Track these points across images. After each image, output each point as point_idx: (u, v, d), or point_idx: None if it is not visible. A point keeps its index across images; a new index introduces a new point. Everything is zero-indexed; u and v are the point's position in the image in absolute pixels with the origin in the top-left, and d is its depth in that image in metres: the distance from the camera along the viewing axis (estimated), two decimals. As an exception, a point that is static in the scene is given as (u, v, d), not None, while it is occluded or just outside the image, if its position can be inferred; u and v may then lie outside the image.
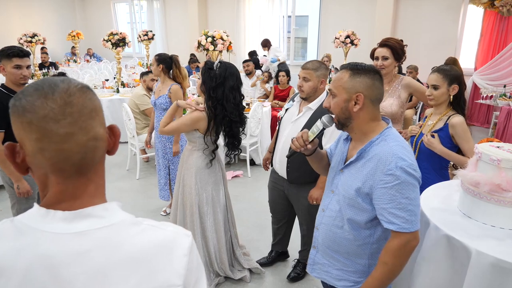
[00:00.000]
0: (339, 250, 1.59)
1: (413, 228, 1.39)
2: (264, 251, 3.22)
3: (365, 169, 1.46)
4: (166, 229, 0.78)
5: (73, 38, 11.01)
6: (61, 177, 0.73)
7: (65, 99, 0.70)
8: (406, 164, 1.37)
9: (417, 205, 1.40)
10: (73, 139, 0.71)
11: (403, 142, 1.45)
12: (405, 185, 1.37)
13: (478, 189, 1.60)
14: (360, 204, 1.48)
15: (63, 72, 5.22)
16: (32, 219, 0.72)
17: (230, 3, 10.53)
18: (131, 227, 0.74)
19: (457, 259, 1.51)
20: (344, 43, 7.24)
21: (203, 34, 5.11)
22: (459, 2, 7.76)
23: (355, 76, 1.46)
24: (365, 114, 1.47)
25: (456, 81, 2.26)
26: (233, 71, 2.50)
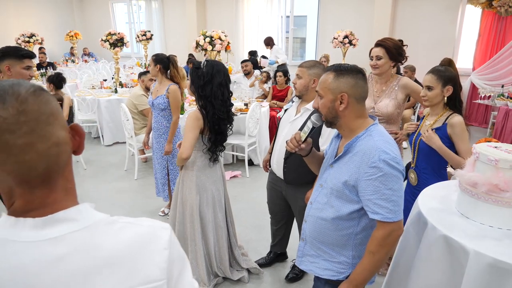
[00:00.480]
0: (325, 240, 1.67)
1: (397, 218, 1.48)
2: (262, 251, 3.22)
3: (351, 162, 1.54)
4: (143, 224, 0.76)
5: (71, 38, 10.98)
6: (26, 189, 0.69)
7: (17, 107, 0.65)
8: (389, 157, 1.46)
9: (400, 196, 1.49)
10: (33, 149, 0.66)
11: (387, 137, 1.54)
12: (388, 176, 1.45)
13: (476, 189, 1.60)
14: (347, 195, 1.57)
15: (59, 73, 5.20)
16: (1, 230, 0.68)
17: (229, 3, 10.53)
18: (107, 227, 0.72)
19: (455, 259, 1.50)
20: (343, 43, 7.25)
21: (201, 34, 5.10)
22: (457, 2, 7.77)
23: (338, 77, 1.55)
24: (351, 112, 1.56)
25: (451, 83, 2.27)
26: (220, 68, 2.52)
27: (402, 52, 2.74)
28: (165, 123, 3.66)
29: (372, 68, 2.77)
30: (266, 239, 3.37)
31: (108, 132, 6.31)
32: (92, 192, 4.55)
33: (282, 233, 2.99)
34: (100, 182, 4.84)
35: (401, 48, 2.74)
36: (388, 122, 2.77)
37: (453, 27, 7.93)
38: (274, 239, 3.05)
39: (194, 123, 2.47)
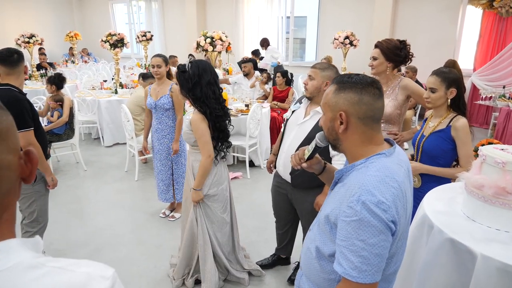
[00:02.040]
0: (312, 278, 1.40)
1: (361, 279, 1.13)
2: (264, 253, 3.19)
3: (337, 195, 1.27)
4: (75, 271, 0.62)
5: (71, 39, 10.96)
6: None
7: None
8: (372, 200, 1.12)
9: (375, 254, 1.12)
10: None
11: (388, 174, 1.18)
12: (364, 225, 1.12)
13: (482, 192, 1.58)
14: (328, 232, 1.28)
15: (60, 73, 5.18)
16: None
17: (229, 4, 10.51)
18: (29, 272, 0.60)
19: (462, 263, 1.49)
20: (343, 44, 7.23)
21: (202, 35, 5.08)
22: (457, 3, 7.76)
23: (339, 92, 1.26)
24: (354, 136, 1.26)
25: (454, 85, 2.25)
26: (205, 66, 2.50)
27: (401, 53, 2.73)
28: (170, 123, 3.65)
29: (371, 68, 2.83)
30: (268, 241, 3.35)
31: (108, 133, 6.29)
32: (92, 193, 4.53)
33: (288, 237, 2.94)
34: (100, 183, 4.82)
35: (400, 49, 2.73)
36: (387, 123, 2.76)
37: (454, 28, 7.92)
38: (280, 243, 3.00)
39: (203, 124, 2.47)
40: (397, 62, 2.77)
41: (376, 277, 1.14)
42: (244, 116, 5.00)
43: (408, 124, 6.07)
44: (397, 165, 1.24)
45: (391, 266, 1.24)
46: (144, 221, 3.85)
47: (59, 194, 3.02)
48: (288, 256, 3.08)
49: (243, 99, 5.98)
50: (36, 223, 2.74)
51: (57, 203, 3.01)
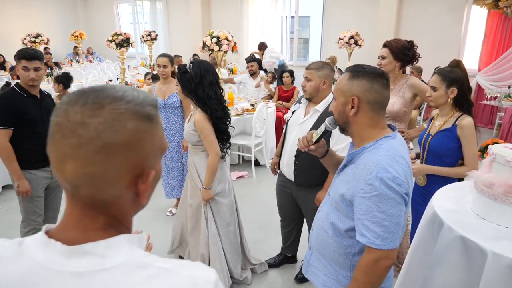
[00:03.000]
0: (325, 254, 1.55)
1: (385, 246, 1.30)
2: (270, 252, 3.21)
3: (351, 175, 1.41)
4: (181, 273, 0.62)
5: (76, 38, 11.01)
6: (67, 196, 0.65)
7: (85, 118, 0.59)
8: (388, 176, 1.29)
9: (395, 223, 1.30)
10: (67, 163, 0.60)
11: (397, 153, 1.35)
12: (383, 198, 1.29)
13: (492, 190, 1.59)
14: (344, 210, 1.43)
15: (67, 72, 5.22)
16: (35, 247, 0.63)
17: (233, 4, 10.53)
18: (137, 271, 0.61)
19: (472, 260, 1.50)
20: (348, 43, 7.24)
21: (208, 34, 5.10)
22: (462, 3, 7.75)
23: (353, 79, 1.41)
24: (363, 119, 1.42)
25: (455, 84, 2.26)
26: (207, 66, 2.51)
27: (409, 53, 2.79)
28: (178, 121, 3.69)
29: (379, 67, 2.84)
30: (274, 239, 3.36)
31: (114, 132, 6.31)
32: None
33: (293, 235, 2.98)
34: (107, 182, 4.84)
35: (408, 49, 2.79)
36: (395, 120, 2.80)
37: (459, 28, 7.91)
38: (285, 241, 3.03)
39: (207, 124, 2.49)
40: (404, 62, 2.83)
41: (396, 243, 1.32)
42: (250, 116, 5.02)
43: (413, 124, 6.07)
44: (402, 146, 1.42)
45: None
46: (151, 219, 3.88)
47: (65, 193, 3.03)
48: (294, 254, 3.10)
49: (249, 98, 6.00)
50: (25, 224, 2.72)
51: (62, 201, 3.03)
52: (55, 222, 2.99)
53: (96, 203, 0.63)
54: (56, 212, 2.96)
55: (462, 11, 7.81)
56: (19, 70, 2.52)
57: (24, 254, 0.63)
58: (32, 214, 2.70)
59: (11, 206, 4.06)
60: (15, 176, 2.57)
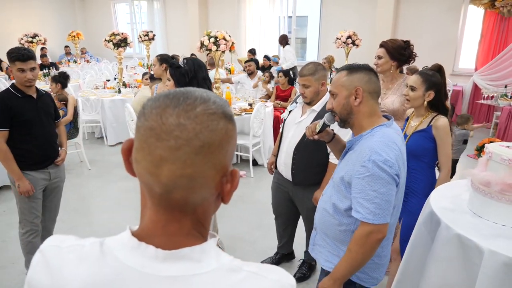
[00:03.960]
0: (328, 233, 1.71)
1: (376, 220, 1.47)
2: (268, 252, 3.22)
3: (350, 159, 1.58)
4: (268, 277, 0.64)
5: (73, 38, 10.99)
6: (154, 203, 0.64)
7: (181, 120, 0.59)
8: (380, 158, 1.45)
9: (385, 200, 1.46)
10: (164, 166, 0.59)
11: (389, 139, 1.51)
12: (375, 178, 1.45)
13: (489, 188, 1.60)
14: (343, 191, 1.59)
15: (64, 72, 5.21)
16: (121, 249, 0.62)
17: (231, 4, 10.53)
18: (230, 275, 0.63)
19: (469, 258, 1.51)
20: (346, 43, 7.25)
21: (206, 34, 5.11)
22: (459, 3, 7.79)
23: (352, 73, 1.58)
24: (365, 108, 1.58)
25: (434, 88, 2.28)
26: (200, 63, 2.58)
27: (405, 52, 2.83)
28: None
29: (375, 67, 2.90)
30: (272, 239, 3.37)
31: (112, 132, 6.32)
32: (97, 192, 4.56)
33: (288, 234, 2.99)
34: (105, 182, 4.84)
35: (404, 48, 2.82)
36: (394, 118, 2.82)
37: (456, 28, 7.94)
38: (281, 240, 3.05)
39: None
40: (401, 61, 2.87)
41: (387, 218, 1.49)
42: (248, 115, 5.02)
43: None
44: (396, 134, 1.57)
45: (392, 216, 1.55)
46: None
47: (64, 193, 3.03)
48: (291, 251, 3.12)
49: (246, 98, 6.01)
50: (22, 224, 2.70)
51: (62, 202, 3.03)
52: (53, 223, 2.98)
53: (186, 206, 0.64)
54: (54, 213, 2.95)
55: (459, 11, 7.84)
56: (14, 72, 2.48)
57: (108, 255, 0.62)
58: (29, 215, 2.68)
59: (9, 207, 4.05)
60: (15, 177, 2.56)
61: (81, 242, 0.66)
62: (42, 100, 2.66)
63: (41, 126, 2.61)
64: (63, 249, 0.66)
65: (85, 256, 0.63)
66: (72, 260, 0.64)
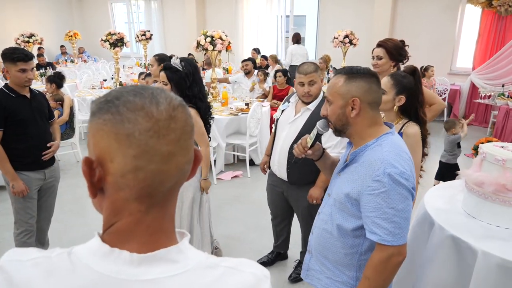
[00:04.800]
0: (329, 257, 1.52)
1: (397, 241, 1.29)
2: (264, 251, 3.20)
3: (356, 173, 1.40)
4: (245, 271, 0.66)
5: (70, 38, 10.95)
6: (144, 205, 0.62)
7: (170, 112, 0.60)
8: (396, 171, 1.29)
9: (404, 218, 1.30)
10: (173, 159, 0.60)
11: (400, 149, 1.37)
12: (392, 194, 1.28)
13: (482, 189, 1.60)
14: (349, 209, 1.42)
15: (59, 72, 5.19)
16: (91, 257, 0.60)
17: (228, 3, 10.52)
18: (209, 272, 0.63)
19: (462, 259, 1.51)
20: (343, 43, 7.24)
21: (202, 34, 5.09)
22: (457, 2, 7.78)
23: (350, 81, 1.40)
24: (363, 119, 1.41)
25: (405, 93, 2.05)
26: (195, 64, 2.59)
27: (403, 52, 2.79)
28: None
29: (373, 67, 2.85)
30: (268, 239, 3.36)
31: (108, 132, 6.28)
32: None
33: (285, 232, 3.00)
34: (101, 183, 4.82)
35: (402, 48, 2.79)
36: None
37: (453, 27, 7.94)
38: (277, 239, 3.05)
39: (199, 117, 2.51)
40: (398, 61, 2.82)
41: (406, 238, 1.33)
42: (244, 115, 5.01)
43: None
44: (401, 141, 1.45)
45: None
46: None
47: (60, 193, 3.01)
48: (286, 251, 3.13)
49: (243, 98, 5.99)
50: (18, 225, 2.69)
51: (58, 202, 3.01)
52: (48, 223, 2.97)
53: (171, 195, 0.65)
54: (49, 213, 2.93)
55: (456, 10, 7.84)
56: (13, 72, 2.47)
57: (78, 265, 0.60)
58: (24, 215, 2.67)
59: (4, 208, 4.03)
60: (9, 177, 2.55)
61: (46, 254, 0.63)
62: (36, 99, 2.65)
63: (35, 126, 2.60)
64: (26, 262, 0.62)
65: (53, 268, 0.60)
66: (39, 273, 0.60)
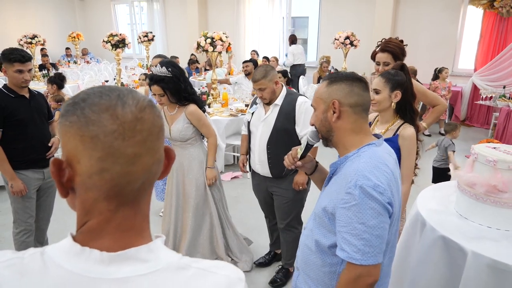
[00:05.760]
0: (310, 274, 1.41)
1: (366, 261, 1.18)
2: (261, 252, 3.22)
3: (333, 186, 1.33)
4: (218, 273, 0.66)
5: (73, 39, 11.01)
6: (113, 204, 0.63)
7: (137, 114, 0.61)
8: (368, 184, 1.18)
9: (376, 235, 1.18)
10: (140, 161, 0.61)
11: (380, 161, 1.26)
12: (363, 208, 1.18)
13: (474, 190, 1.60)
14: (327, 224, 1.32)
15: (59, 73, 5.23)
16: (63, 256, 0.61)
17: (230, 4, 10.54)
18: (179, 273, 0.63)
19: (453, 260, 1.51)
20: (344, 44, 7.24)
21: (202, 35, 5.11)
22: (458, 3, 7.76)
23: (331, 84, 1.35)
24: (346, 124, 1.33)
25: (399, 88, 2.10)
26: (176, 63, 2.71)
27: (404, 52, 2.72)
28: None
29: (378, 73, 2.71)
30: (266, 240, 3.37)
31: (109, 133, 6.32)
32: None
33: (278, 230, 3.00)
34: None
35: (404, 50, 2.70)
36: None
37: (455, 28, 7.92)
38: (272, 237, 3.11)
39: (200, 112, 2.69)
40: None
41: (378, 258, 1.20)
42: (244, 116, 5.01)
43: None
44: (387, 154, 1.33)
45: (386, 254, 1.28)
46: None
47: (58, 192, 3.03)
48: None
49: (243, 99, 6.01)
50: (17, 224, 2.72)
51: (57, 202, 3.04)
52: (47, 223, 2.99)
53: (141, 194, 0.66)
54: (48, 213, 2.96)
55: (458, 11, 7.82)
56: (11, 73, 2.50)
57: (50, 265, 0.60)
58: (23, 215, 2.70)
59: (4, 207, 4.06)
60: (8, 177, 2.58)
61: (19, 255, 0.63)
62: (35, 100, 2.68)
63: (34, 126, 2.63)
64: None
65: (25, 269, 0.61)
66: (11, 275, 0.61)
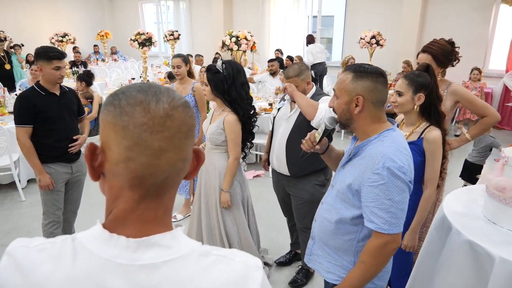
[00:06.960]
0: (329, 243, 1.63)
1: (392, 230, 1.40)
2: (282, 251, 3.23)
3: (358, 166, 1.49)
4: (235, 259, 0.69)
5: (101, 37, 11.29)
6: (137, 194, 0.66)
7: (168, 111, 0.64)
8: (394, 165, 1.38)
9: (400, 209, 1.40)
10: (164, 155, 0.64)
11: (400, 144, 1.44)
12: (390, 186, 1.38)
13: (504, 194, 1.56)
14: (350, 199, 1.52)
15: (88, 70, 5.37)
16: (93, 242, 0.65)
17: (255, 3, 10.56)
18: (201, 259, 0.66)
19: (479, 265, 1.47)
20: (370, 43, 7.14)
21: (227, 34, 5.15)
22: (490, 2, 7.52)
23: (357, 79, 1.48)
24: (366, 116, 1.50)
25: (423, 90, 2.04)
26: (239, 67, 2.52)
27: (451, 56, 2.56)
28: None
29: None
30: (287, 238, 3.37)
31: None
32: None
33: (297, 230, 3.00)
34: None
35: (451, 52, 2.56)
36: None
37: (486, 27, 7.67)
38: (292, 237, 3.11)
39: (238, 126, 2.49)
40: (446, 67, 2.59)
41: (401, 228, 1.43)
42: (267, 115, 5.03)
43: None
44: (402, 137, 1.50)
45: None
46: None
47: (87, 186, 3.13)
48: None
49: (267, 98, 6.01)
50: (46, 216, 2.82)
51: (85, 195, 3.14)
52: (74, 216, 3.09)
53: (169, 190, 0.69)
54: (75, 206, 3.06)
55: (489, 10, 7.57)
56: (48, 70, 2.59)
57: (81, 250, 0.64)
58: (51, 207, 2.80)
59: (35, 199, 4.22)
60: (37, 171, 2.68)
61: (51, 240, 0.67)
62: (65, 97, 2.77)
63: (63, 122, 2.72)
64: (32, 248, 0.66)
65: (57, 254, 0.64)
66: (44, 258, 0.64)
